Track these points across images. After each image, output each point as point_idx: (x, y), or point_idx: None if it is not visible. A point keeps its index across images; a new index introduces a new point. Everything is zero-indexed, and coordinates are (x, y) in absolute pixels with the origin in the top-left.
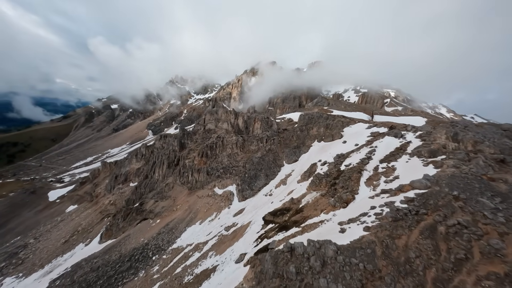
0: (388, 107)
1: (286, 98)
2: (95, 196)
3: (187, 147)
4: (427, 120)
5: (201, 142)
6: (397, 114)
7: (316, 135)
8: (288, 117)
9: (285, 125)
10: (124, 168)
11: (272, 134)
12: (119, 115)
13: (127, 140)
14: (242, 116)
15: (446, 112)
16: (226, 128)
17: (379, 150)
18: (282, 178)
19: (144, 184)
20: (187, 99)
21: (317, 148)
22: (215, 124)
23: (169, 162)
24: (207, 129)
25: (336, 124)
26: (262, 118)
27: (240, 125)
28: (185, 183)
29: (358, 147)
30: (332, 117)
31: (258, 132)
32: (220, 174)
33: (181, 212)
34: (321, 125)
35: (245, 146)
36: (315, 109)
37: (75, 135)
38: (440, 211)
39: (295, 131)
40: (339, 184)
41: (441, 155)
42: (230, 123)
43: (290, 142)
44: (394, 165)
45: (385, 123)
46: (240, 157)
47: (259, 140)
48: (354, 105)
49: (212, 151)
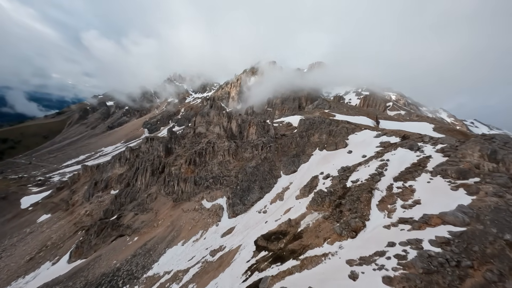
0: (390, 110)
1: (285, 99)
2: (71, 205)
3: (174, 152)
4: (434, 126)
5: (190, 147)
6: (402, 119)
7: (318, 142)
8: (287, 121)
9: (283, 130)
10: (106, 173)
11: (268, 141)
12: (115, 112)
13: (122, 139)
14: (235, 120)
15: (447, 117)
16: (218, 132)
17: (392, 165)
18: (278, 192)
19: (125, 193)
20: (185, 97)
21: (319, 157)
22: (206, 127)
23: (153, 169)
24: (197, 133)
25: (340, 130)
26: (258, 122)
27: (233, 129)
28: (170, 193)
29: (366, 159)
30: (335, 123)
31: (253, 138)
32: (209, 185)
33: (162, 229)
34: (323, 132)
35: (238, 153)
36: (316, 112)
37: (68, 132)
38: (492, 264)
39: (294, 138)
40: (346, 205)
41: (473, 177)
42: (222, 126)
43: (288, 150)
44: (412, 185)
45: (396, 131)
46: (232, 165)
47: (254, 147)
48: (356, 109)
49: (201, 158)
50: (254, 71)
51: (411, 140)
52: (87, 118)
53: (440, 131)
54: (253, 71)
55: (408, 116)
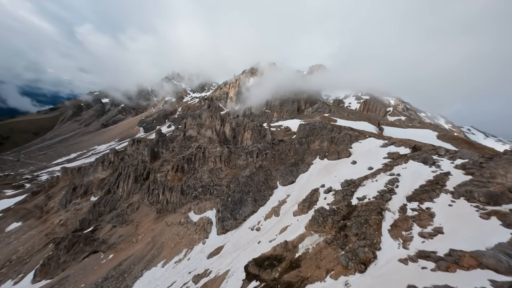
0: (390, 116)
1: (284, 101)
2: (46, 212)
3: (160, 157)
4: (438, 134)
5: (178, 152)
6: (404, 125)
7: (318, 150)
8: (286, 125)
9: (281, 135)
10: (88, 177)
11: (264, 147)
12: (110, 110)
13: (116, 137)
14: (229, 123)
15: (445, 123)
16: (210, 136)
17: (404, 181)
18: (274, 206)
19: (104, 201)
20: (183, 96)
21: (319, 167)
22: (198, 130)
23: (137, 175)
24: (187, 136)
25: (343, 138)
26: (253, 127)
27: (226, 134)
28: (154, 203)
29: (373, 172)
30: (337, 129)
31: (247, 143)
32: (198, 195)
33: (141, 245)
34: (325, 138)
35: (231, 160)
36: (316, 116)
37: (60, 128)
38: None
39: (293, 144)
40: (352, 228)
41: (508, 204)
42: (215, 130)
43: (286, 158)
44: (430, 207)
45: (404, 141)
46: (224, 173)
47: (249, 154)
48: (357, 113)
49: (190, 165)
50: (254, 71)
51: (423, 152)
52: (81, 115)
53: (444, 140)
54: (252, 72)
55: (409, 122)
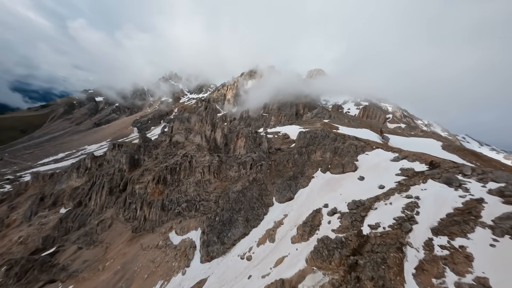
0: (390, 123)
1: (282, 105)
2: (6, 226)
3: (141, 165)
4: (443, 144)
5: (162, 160)
6: (407, 134)
7: (320, 162)
8: (284, 132)
9: (278, 143)
10: (60, 184)
11: (259, 157)
12: (104, 108)
13: (108, 137)
14: (221, 129)
15: (441, 131)
16: (199, 142)
17: (426, 206)
18: (269, 228)
19: (73, 215)
20: (180, 97)
21: (321, 182)
22: (186, 135)
23: (112, 186)
24: (173, 142)
25: (348, 148)
26: (248, 134)
27: (217, 141)
28: (130, 219)
29: (385, 191)
30: (341, 138)
31: (241, 152)
32: (182, 211)
33: (108, 275)
34: (327, 149)
35: (222, 171)
36: (317, 122)
37: (49, 127)
38: None
39: (291, 154)
40: (365, 269)
41: None
42: (204, 136)
43: (284, 170)
44: (465, 246)
45: (418, 154)
46: (213, 186)
47: (242, 165)
48: (358, 120)
49: (174, 176)
50: (252, 74)
51: (444, 170)
52: (72, 113)
53: (450, 150)
54: (251, 74)
55: (410, 130)
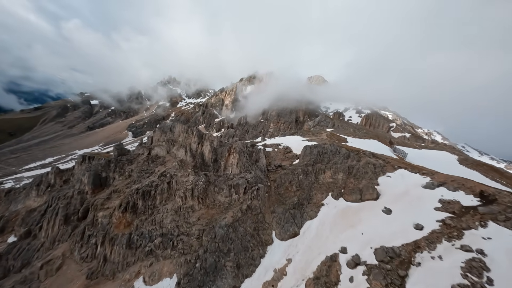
0: (394, 132)
1: (281, 111)
2: None
3: (110, 184)
4: (459, 158)
5: (137, 179)
6: (417, 145)
7: (331, 184)
8: (285, 144)
9: (279, 159)
10: (16, 204)
11: (256, 178)
12: (99, 112)
13: (101, 141)
14: (210, 142)
15: (441, 139)
16: (183, 157)
17: (499, 269)
18: (267, 281)
19: (18, 249)
20: (177, 101)
21: (334, 211)
22: (167, 148)
23: (69, 213)
24: (153, 156)
25: (364, 168)
26: (242, 148)
27: (205, 156)
28: (87, 258)
29: (426, 235)
30: (355, 155)
31: (233, 171)
32: (154, 249)
33: None
34: (340, 168)
35: (209, 194)
36: (322, 133)
37: (40, 130)
38: None
39: (295, 174)
40: None
41: None
42: (189, 150)
43: (286, 194)
44: None
45: (458, 180)
46: (197, 215)
47: (233, 188)
48: (364, 129)
49: (148, 201)
50: (251, 79)
51: (506, 206)
52: (65, 116)
53: (468, 165)
54: (250, 80)
55: (414, 140)
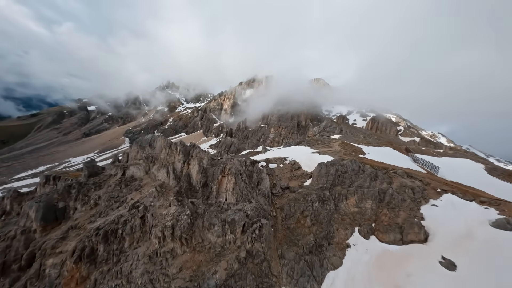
0: (402, 136)
1: (282, 116)
2: None
3: (70, 217)
4: (486, 167)
5: (104, 210)
6: (434, 152)
7: (356, 215)
8: (291, 159)
9: (285, 177)
10: None
11: (258, 210)
12: (95, 118)
13: (97, 148)
14: (198, 160)
15: (446, 142)
16: (164, 180)
17: None
18: None
19: None
20: (176, 106)
21: (366, 258)
22: (146, 168)
23: (9, 260)
24: (127, 178)
25: (401, 194)
26: (239, 169)
27: (192, 178)
28: None
29: None
30: (385, 175)
31: (228, 199)
32: None
33: None
34: (367, 194)
35: (195, 232)
36: (333, 143)
37: (34, 137)
38: None
39: (308, 201)
40: None
41: None
42: (173, 170)
43: (297, 228)
44: None
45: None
46: (179, 263)
47: (229, 225)
48: (374, 135)
49: (112, 244)
50: (251, 83)
51: None
52: (61, 122)
53: (499, 176)
54: (249, 84)
55: (425, 145)
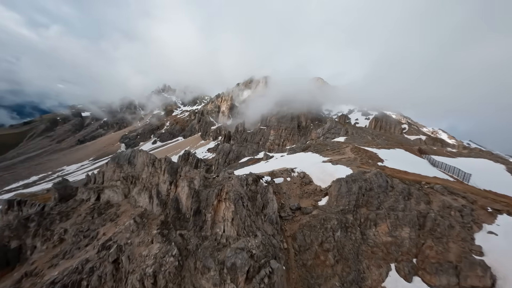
0: (407, 135)
1: (282, 117)
2: None
3: (27, 259)
4: (507, 167)
5: (69, 249)
6: (448, 153)
7: (390, 246)
8: (300, 170)
9: (294, 194)
10: None
11: (265, 248)
12: (90, 124)
13: (92, 155)
14: (188, 181)
15: (448, 138)
16: (146, 206)
17: None
18: None
19: None
20: (172, 110)
21: None
22: (125, 190)
23: None
24: (102, 204)
25: (446, 219)
26: (239, 192)
27: (182, 203)
28: None
29: None
30: (419, 190)
31: (227, 230)
32: None
33: None
34: (403, 220)
35: (185, 279)
36: (345, 148)
37: (26, 146)
38: None
39: (327, 229)
40: None
41: None
42: (157, 194)
43: (316, 267)
44: None
45: None
46: None
47: (228, 270)
48: (382, 136)
49: None
50: (248, 84)
51: None
52: (54, 130)
53: None
54: (246, 84)
55: (432, 143)
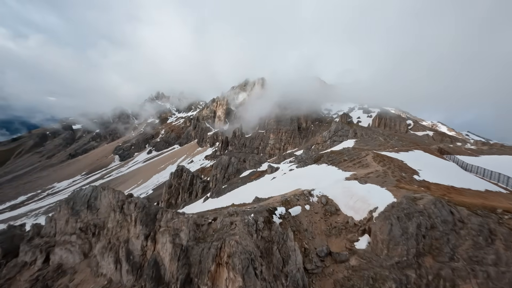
0: (413, 131)
1: (281, 119)
2: None
3: None
4: None
5: None
6: (469, 151)
7: None
8: (320, 192)
9: (319, 231)
10: None
11: None
12: (82, 137)
13: (84, 169)
14: (171, 234)
15: (447, 130)
16: (111, 274)
17: None
18: None
19: None
20: (167, 117)
21: None
22: (84, 247)
23: None
24: (52, 270)
25: None
26: (247, 249)
27: (164, 268)
28: None
29: None
30: (500, 226)
31: None
32: None
33: None
34: (497, 279)
35: None
36: (364, 155)
37: (13, 164)
38: None
39: None
40: None
41: None
42: (127, 255)
43: None
44: None
45: None
46: None
47: None
48: (394, 135)
49: None
50: (243, 87)
51: None
52: (44, 145)
53: None
54: (241, 87)
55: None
